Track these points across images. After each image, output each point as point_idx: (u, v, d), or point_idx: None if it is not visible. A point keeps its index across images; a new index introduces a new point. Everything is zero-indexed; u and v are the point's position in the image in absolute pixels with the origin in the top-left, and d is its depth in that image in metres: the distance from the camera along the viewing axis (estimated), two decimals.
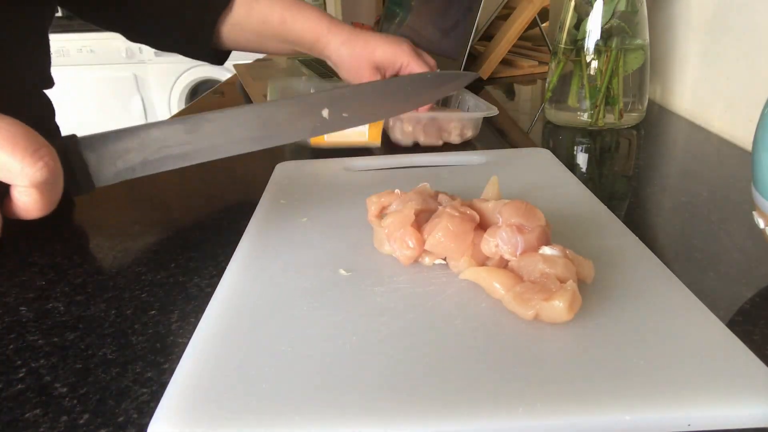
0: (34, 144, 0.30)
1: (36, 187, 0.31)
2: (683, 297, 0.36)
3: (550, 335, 0.33)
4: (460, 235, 0.39)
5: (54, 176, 0.31)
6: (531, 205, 0.40)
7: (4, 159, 0.30)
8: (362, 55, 0.68)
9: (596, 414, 0.28)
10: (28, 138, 0.30)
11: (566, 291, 0.33)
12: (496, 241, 0.38)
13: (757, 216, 0.41)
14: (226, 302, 0.38)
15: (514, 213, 0.39)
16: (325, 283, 0.40)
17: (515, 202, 0.40)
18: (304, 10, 0.70)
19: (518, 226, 0.38)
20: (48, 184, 0.31)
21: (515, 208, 0.39)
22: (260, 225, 0.49)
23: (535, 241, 0.38)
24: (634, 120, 0.78)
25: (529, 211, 0.39)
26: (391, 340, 0.33)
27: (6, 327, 0.39)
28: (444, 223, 0.39)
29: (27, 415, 0.31)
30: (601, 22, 0.73)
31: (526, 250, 0.37)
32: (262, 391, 0.30)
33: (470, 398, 0.29)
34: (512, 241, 0.38)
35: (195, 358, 0.32)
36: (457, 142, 0.73)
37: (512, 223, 0.38)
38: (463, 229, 0.39)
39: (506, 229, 0.38)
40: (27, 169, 0.30)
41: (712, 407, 0.28)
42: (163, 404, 0.29)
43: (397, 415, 0.28)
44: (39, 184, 0.31)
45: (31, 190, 0.31)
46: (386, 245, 0.42)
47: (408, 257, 0.41)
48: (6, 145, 0.30)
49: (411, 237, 0.41)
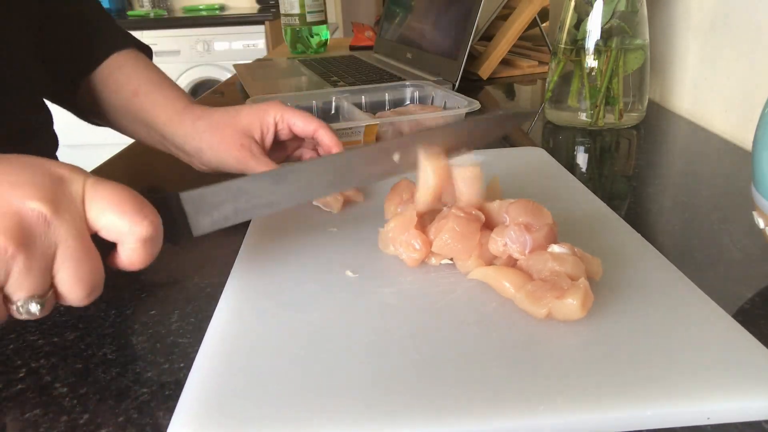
0: (139, 204, 0.34)
1: (142, 243, 0.34)
2: (690, 292, 0.37)
3: (563, 333, 0.33)
4: (467, 236, 0.39)
5: (157, 232, 0.34)
6: (537, 203, 0.40)
7: (113, 220, 0.33)
8: (225, 124, 0.56)
9: (617, 409, 0.28)
10: (133, 199, 0.33)
11: (579, 288, 0.33)
12: (504, 240, 0.38)
13: (757, 216, 0.41)
14: (234, 306, 0.38)
15: (521, 212, 0.39)
16: (332, 285, 0.40)
17: (522, 201, 0.40)
18: (163, 86, 0.60)
19: (526, 225, 0.38)
20: (152, 239, 0.34)
21: (522, 206, 0.39)
22: (262, 227, 0.49)
23: (543, 240, 0.38)
24: (634, 120, 0.78)
25: (536, 210, 0.39)
26: (406, 341, 0.33)
27: (6, 327, 0.39)
28: (450, 224, 0.39)
29: (27, 415, 0.31)
30: (601, 22, 0.73)
31: (535, 249, 0.37)
32: (279, 395, 0.30)
33: (491, 397, 0.29)
34: (521, 239, 0.38)
35: (207, 365, 0.32)
36: None
37: (520, 222, 0.38)
38: (470, 230, 0.39)
39: (514, 228, 0.38)
40: (134, 227, 0.33)
41: (731, 400, 0.28)
42: (179, 412, 0.29)
43: (417, 415, 0.28)
44: (145, 241, 0.34)
45: (137, 246, 0.34)
46: (391, 247, 0.42)
47: (414, 259, 0.41)
48: (114, 207, 0.33)
49: (416, 239, 0.40)
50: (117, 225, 0.33)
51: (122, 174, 0.71)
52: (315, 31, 1.47)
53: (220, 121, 0.56)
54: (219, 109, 0.57)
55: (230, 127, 0.55)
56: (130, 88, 0.59)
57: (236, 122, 0.56)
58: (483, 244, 0.39)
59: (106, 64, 0.61)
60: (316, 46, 1.48)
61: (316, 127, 0.55)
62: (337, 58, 1.31)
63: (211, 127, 0.56)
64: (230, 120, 0.56)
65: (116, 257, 0.34)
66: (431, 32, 1.10)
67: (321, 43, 1.49)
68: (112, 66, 0.61)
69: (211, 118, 0.56)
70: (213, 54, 2.64)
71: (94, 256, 0.32)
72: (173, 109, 0.58)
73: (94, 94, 0.61)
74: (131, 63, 0.61)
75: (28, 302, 0.30)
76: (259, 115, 0.56)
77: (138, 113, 0.59)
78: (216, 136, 0.55)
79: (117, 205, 0.33)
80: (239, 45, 2.63)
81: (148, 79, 0.60)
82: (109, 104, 0.61)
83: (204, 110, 0.58)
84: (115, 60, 0.61)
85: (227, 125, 0.56)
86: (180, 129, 0.57)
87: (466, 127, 0.48)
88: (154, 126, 0.59)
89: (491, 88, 1.08)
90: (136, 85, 0.59)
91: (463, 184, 0.41)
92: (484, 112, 0.74)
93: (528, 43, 1.33)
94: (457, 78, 0.97)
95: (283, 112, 0.56)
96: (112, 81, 0.60)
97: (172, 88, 0.60)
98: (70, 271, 0.31)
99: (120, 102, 0.60)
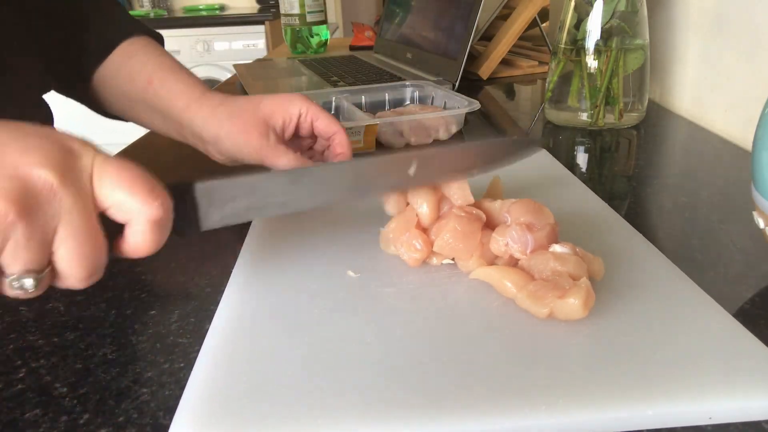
0: (151, 184, 0.32)
1: (151, 225, 0.32)
2: (692, 292, 0.37)
3: (565, 332, 0.33)
4: (468, 236, 0.39)
5: (167, 215, 0.33)
6: (539, 203, 0.40)
7: (123, 197, 0.31)
8: (245, 110, 0.54)
9: (619, 409, 0.28)
10: (145, 179, 0.32)
11: (580, 288, 0.33)
12: (506, 240, 0.38)
13: (757, 216, 0.41)
14: (236, 307, 0.38)
15: (523, 211, 0.39)
16: (334, 285, 0.40)
17: (524, 201, 0.40)
18: (177, 73, 0.58)
19: (528, 225, 0.38)
20: (161, 222, 0.33)
21: (524, 206, 0.39)
22: (263, 228, 0.49)
23: (545, 240, 0.38)
24: (634, 120, 0.78)
25: (538, 210, 0.39)
26: (408, 341, 0.33)
27: (6, 327, 0.39)
28: (452, 224, 0.39)
29: (27, 415, 0.31)
30: (601, 22, 0.73)
31: (536, 249, 0.37)
32: (282, 394, 0.30)
33: (493, 397, 0.29)
34: (522, 239, 0.38)
35: (209, 365, 0.32)
36: (444, 138, 0.75)
37: (521, 221, 0.38)
38: (471, 230, 0.39)
39: (516, 228, 0.38)
40: (145, 208, 0.32)
41: (732, 400, 0.28)
42: (180, 412, 0.29)
43: (419, 415, 0.28)
44: (154, 222, 0.32)
45: (145, 228, 0.32)
46: (392, 247, 0.42)
47: (416, 259, 0.41)
48: (125, 185, 0.31)
49: (417, 239, 0.40)
50: (127, 203, 0.31)
51: None
52: (315, 31, 1.47)
53: (241, 109, 0.54)
54: (240, 97, 0.56)
55: (251, 114, 0.53)
56: (144, 76, 0.58)
57: (258, 110, 0.54)
58: (484, 243, 0.39)
59: (118, 52, 0.59)
60: (316, 46, 1.48)
61: (337, 130, 0.54)
62: (337, 58, 1.31)
63: (231, 114, 0.54)
64: (252, 108, 0.54)
65: (121, 242, 0.33)
66: (431, 32, 1.10)
67: (321, 43, 1.49)
68: (124, 54, 0.59)
69: (233, 105, 0.55)
70: (213, 54, 2.64)
71: (98, 235, 0.31)
72: (190, 96, 0.56)
73: (107, 85, 0.60)
74: (144, 50, 0.60)
75: (23, 277, 0.28)
76: (283, 105, 0.54)
77: (153, 101, 0.58)
78: (236, 124, 0.53)
79: (128, 183, 0.31)
80: (239, 45, 2.63)
81: (163, 66, 0.58)
82: (123, 94, 0.60)
83: (225, 97, 0.56)
84: (127, 48, 0.60)
85: (248, 112, 0.54)
86: (198, 116, 0.55)
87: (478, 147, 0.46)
88: (170, 114, 0.57)
89: (491, 88, 1.08)
90: (150, 72, 0.58)
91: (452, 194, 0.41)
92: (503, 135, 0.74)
93: (528, 43, 1.33)
94: (457, 78, 0.97)
95: (309, 107, 0.54)
96: (125, 70, 0.59)
97: (187, 75, 0.59)
98: (71, 247, 0.30)
99: (135, 91, 0.59)
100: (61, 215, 0.29)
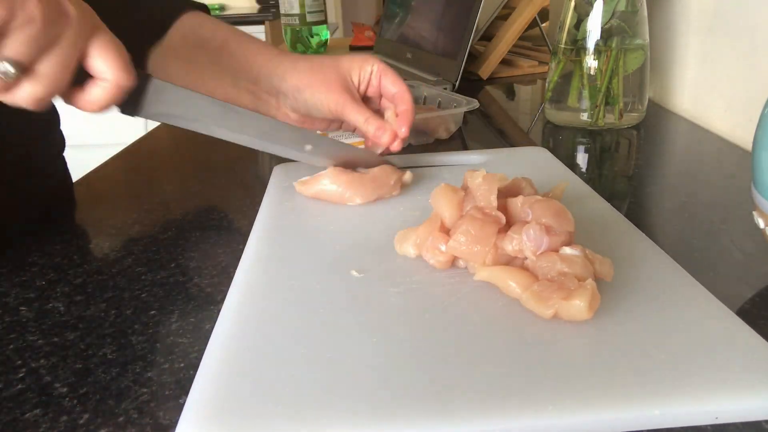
0: (129, 60, 0.39)
1: (115, 89, 0.38)
2: (697, 292, 0.37)
3: (570, 333, 0.33)
4: (481, 239, 0.38)
5: (130, 89, 0.39)
6: (563, 207, 0.38)
7: (112, 57, 0.37)
8: (326, 65, 0.57)
9: (626, 410, 0.28)
10: (127, 55, 0.39)
11: (586, 290, 0.33)
12: (521, 238, 0.37)
13: (757, 216, 0.41)
14: (240, 307, 0.38)
15: (545, 212, 0.38)
16: (337, 285, 0.39)
17: (548, 201, 0.39)
18: (250, 36, 0.61)
19: (547, 227, 0.37)
20: (122, 90, 0.39)
21: (547, 206, 0.38)
22: (265, 228, 0.48)
23: (558, 245, 0.37)
24: (634, 120, 0.78)
25: (561, 213, 0.38)
26: (413, 340, 0.33)
27: (6, 327, 0.39)
28: (465, 226, 0.38)
29: (27, 415, 0.31)
30: (601, 22, 0.73)
31: (547, 252, 0.37)
32: (286, 394, 0.30)
33: (499, 397, 0.29)
34: (538, 240, 0.37)
35: (214, 364, 0.32)
36: (444, 137, 0.75)
37: (543, 222, 0.37)
38: (485, 234, 0.38)
39: (535, 227, 0.37)
40: (120, 72, 0.38)
41: (739, 400, 0.28)
42: (187, 412, 0.29)
43: (423, 415, 0.28)
44: (120, 87, 0.38)
45: (109, 89, 0.38)
46: (409, 247, 0.42)
47: (442, 262, 0.40)
48: (119, 49, 0.38)
49: (441, 242, 0.40)
50: (113, 62, 0.37)
51: (122, 174, 0.71)
52: (315, 31, 1.47)
53: (322, 64, 0.57)
54: (317, 55, 0.61)
55: (332, 69, 0.57)
56: (218, 41, 0.60)
57: (338, 66, 0.57)
58: (498, 246, 0.38)
59: (177, 26, 0.61)
60: (316, 46, 1.48)
61: (401, 87, 0.57)
62: None
63: (312, 68, 0.57)
64: (332, 63, 0.57)
65: (80, 91, 0.38)
66: (431, 32, 1.10)
67: (321, 43, 1.49)
68: (188, 26, 0.62)
69: (313, 61, 0.58)
70: None
71: (72, 68, 0.36)
72: (269, 54, 0.59)
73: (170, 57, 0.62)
74: (209, 20, 0.63)
75: (8, 62, 0.33)
76: (360, 63, 0.58)
77: (229, 62, 0.60)
78: (318, 76, 0.56)
79: (121, 50, 0.38)
80: None
81: (234, 31, 0.62)
82: (189, 62, 0.62)
83: (296, 55, 0.60)
84: (189, 20, 0.62)
85: (330, 68, 0.57)
86: (279, 68, 0.58)
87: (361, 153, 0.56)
88: (246, 72, 0.59)
89: (491, 88, 1.08)
90: (224, 37, 0.60)
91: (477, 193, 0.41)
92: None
93: (528, 43, 1.33)
94: (457, 78, 0.97)
95: (380, 64, 0.58)
96: (193, 38, 0.61)
97: (258, 39, 0.62)
98: (55, 62, 0.35)
99: (205, 56, 0.61)
100: (62, 39, 0.35)
